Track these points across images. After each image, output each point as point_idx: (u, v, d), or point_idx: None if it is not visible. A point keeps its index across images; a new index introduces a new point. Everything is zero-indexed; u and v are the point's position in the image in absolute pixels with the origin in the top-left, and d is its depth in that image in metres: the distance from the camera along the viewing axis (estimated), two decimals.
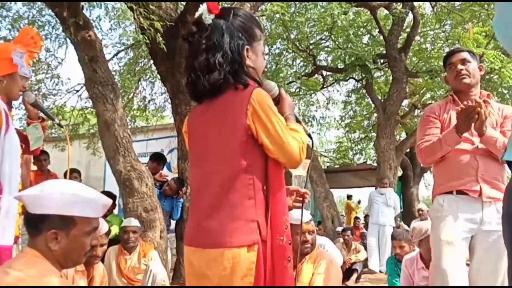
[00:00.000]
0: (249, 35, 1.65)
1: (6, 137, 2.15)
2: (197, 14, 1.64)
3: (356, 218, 10.63)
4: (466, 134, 2.35)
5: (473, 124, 2.26)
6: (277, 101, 1.70)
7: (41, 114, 2.67)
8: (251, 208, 1.54)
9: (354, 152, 15.13)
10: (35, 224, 1.50)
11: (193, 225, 1.62)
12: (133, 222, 4.12)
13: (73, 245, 1.51)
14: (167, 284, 3.94)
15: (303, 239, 2.99)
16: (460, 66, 2.51)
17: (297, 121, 1.75)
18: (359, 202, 13.51)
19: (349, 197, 13.57)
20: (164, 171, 5.98)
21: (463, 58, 2.52)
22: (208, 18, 1.61)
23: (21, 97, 2.58)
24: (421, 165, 12.07)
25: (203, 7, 1.62)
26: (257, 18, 1.72)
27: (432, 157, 2.49)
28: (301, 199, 1.81)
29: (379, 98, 10.58)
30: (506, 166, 2.38)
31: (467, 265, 2.44)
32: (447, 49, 10.14)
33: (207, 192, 1.60)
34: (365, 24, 10.09)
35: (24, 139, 2.53)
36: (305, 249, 3.06)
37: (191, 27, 1.65)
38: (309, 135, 1.81)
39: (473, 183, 2.36)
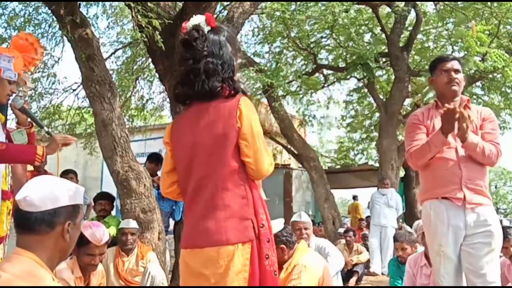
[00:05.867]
0: (235, 49, 1.82)
1: None
2: (192, 23, 1.79)
3: (361, 219, 10.52)
4: (452, 141, 2.55)
5: (456, 128, 2.45)
6: None
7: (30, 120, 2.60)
8: (244, 207, 1.64)
9: (356, 152, 15.08)
10: (49, 221, 1.44)
11: (189, 228, 1.70)
12: (132, 224, 4.06)
13: (76, 234, 1.52)
14: (166, 285, 3.87)
15: None
16: (454, 75, 2.69)
17: (243, 92, 1.84)
18: (354, 197, 13.30)
19: (354, 197, 13.40)
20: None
21: (457, 68, 2.72)
22: (205, 29, 1.76)
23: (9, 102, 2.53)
24: None
25: (201, 18, 1.78)
26: None
27: (422, 160, 2.63)
28: None
29: (381, 97, 10.51)
30: (487, 170, 2.62)
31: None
32: (449, 48, 10.08)
33: (201, 194, 1.68)
34: (366, 22, 9.99)
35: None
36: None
37: (192, 32, 1.77)
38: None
39: (457, 191, 2.53)
